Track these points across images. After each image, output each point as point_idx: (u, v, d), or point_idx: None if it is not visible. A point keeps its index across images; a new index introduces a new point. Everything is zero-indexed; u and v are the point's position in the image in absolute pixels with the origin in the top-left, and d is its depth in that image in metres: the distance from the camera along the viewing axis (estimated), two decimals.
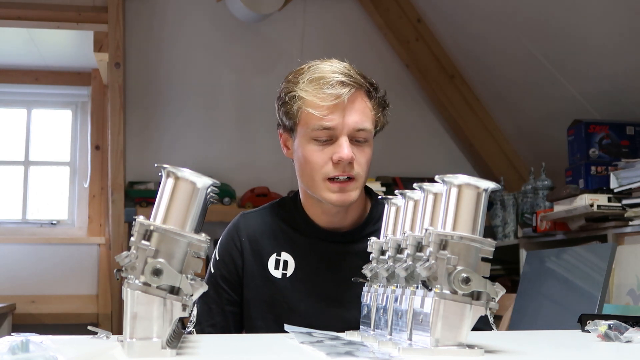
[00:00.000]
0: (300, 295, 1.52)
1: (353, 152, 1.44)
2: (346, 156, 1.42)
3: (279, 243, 1.56)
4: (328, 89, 1.42)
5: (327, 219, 1.54)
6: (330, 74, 1.44)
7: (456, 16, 3.80)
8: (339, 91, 1.42)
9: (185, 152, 4.05)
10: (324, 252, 1.54)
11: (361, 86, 1.46)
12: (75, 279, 4.08)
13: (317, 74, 1.45)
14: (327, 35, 4.16)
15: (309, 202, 1.55)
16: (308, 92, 1.44)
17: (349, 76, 1.45)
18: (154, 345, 0.84)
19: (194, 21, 4.09)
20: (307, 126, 1.45)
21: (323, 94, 1.43)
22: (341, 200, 1.46)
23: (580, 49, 3.13)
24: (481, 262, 0.89)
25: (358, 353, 0.86)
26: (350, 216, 1.55)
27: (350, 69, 1.47)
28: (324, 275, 1.53)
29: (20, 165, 4.31)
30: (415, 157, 4.25)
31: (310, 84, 1.44)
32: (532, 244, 3.22)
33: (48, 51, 4.13)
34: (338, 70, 1.45)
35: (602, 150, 3.07)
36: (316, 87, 1.44)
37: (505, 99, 3.91)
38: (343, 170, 1.44)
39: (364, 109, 1.46)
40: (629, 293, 2.47)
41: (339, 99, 1.42)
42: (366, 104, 1.47)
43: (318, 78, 1.44)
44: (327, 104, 1.43)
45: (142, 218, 0.88)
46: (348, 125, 1.43)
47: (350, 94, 1.43)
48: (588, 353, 1.02)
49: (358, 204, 1.55)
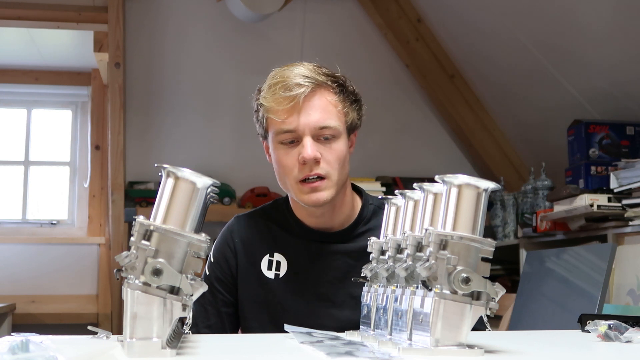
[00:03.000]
0: (293, 296, 1.53)
1: (320, 150, 1.44)
2: (308, 156, 1.42)
3: (272, 244, 1.57)
4: (284, 92, 1.44)
5: (314, 220, 1.55)
6: (288, 78, 1.45)
7: (456, 16, 3.80)
8: (294, 93, 1.43)
9: (185, 152, 4.05)
10: (315, 252, 1.55)
11: (319, 85, 1.46)
12: (75, 279, 4.08)
13: (276, 79, 1.46)
14: (327, 35, 4.16)
15: (296, 205, 1.56)
16: (267, 99, 1.46)
17: (305, 77, 1.45)
18: (154, 345, 0.84)
19: (194, 21, 4.09)
20: (272, 131, 1.48)
21: (280, 98, 1.44)
22: (313, 200, 1.46)
23: (581, 49, 3.13)
24: (481, 262, 0.89)
25: (358, 353, 0.86)
26: (337, 216, 1.55)
27: (312, 69, 1.47)
28: (316, 275, 1.54)
29: (20, 165, 4.31)
30: (415, 157, 4.25)
31: (269, 90, 1.46)
32: (532, 244, 3.22)
33: (48, 51, 4.13)
34: (297, 72, 1.46)
35: (602, 150, 3.07)
36: (273, 92, 1.45)
37: (506, 99, 3.91)
38: (310, 170, 1.44)
39: (326, 106, 1.46)
40: (629, 293, 2.47)
41: (294, 100, 1.43)
42: (328, 100, 1.46)
43: (275, 83, 1.46)
44: (284, 108, 1.44)
45: (142, 218, 0.87)
46: (308, 125, 1.44)
47: (306, 94, 1.43)
48: (588, 353, 1.02)
49: (345, 204, 1.55)
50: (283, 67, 1.50)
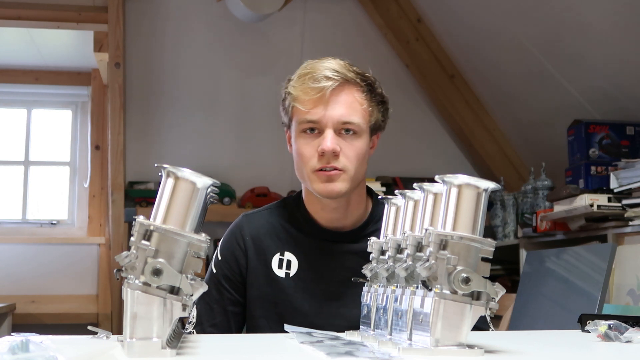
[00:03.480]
0: (303, 295, 1.53)
1: (340, 144, 1.46)
2: (328, 148, 1.44)
3: (282, 243, 1.57)
4: (313, 83, 1.46)
5: (327, 215, 1.55)
6: (318, 70, 1.48)
7: (456, 16, 3.80)
8: (322, 84, 1.46)
9: (185, 152, 4.05)
10: (326, 251, 1.55)
11: (348, 81, 1.48)
12: (75, 279, 4.08)
13: (307, 70, 1.49)
14: (327, 35, 4.16)
15: (310, 199, 1.56)
16: (296, 88, 1.49)
17: (335, 71, 1.47)
18: (154, 345, 0.84)
19: (194, 21, 4.09)
20: (297, 120, 1.50)
21: (307, 88, 1.47)
22: (327, 190, 1.47)
23: (581, 49, 3.13)
24: (481, 262, 0.89)
25: (358, 353, 0.86)
26: (351, 215, 1.55)
27: (343, 65, 1.50)
28: (326, 275, 1.54)
29: (20, 165, 4.31)
30: (415, 157, 4.25)
31: (299, 80, 1.49)
32: (532, 244, 3.22)
33: (48, 51, 4.13)
34: (328, 66, 1.49)
35: (602, 150, 3.07)
36: (302, 82, 1.48)
37: (506, 99, 3.91)
38: (327, 161, 1.46)
39: (351, 102, 1.48)
40: (629, 293, 2.47)
41: (322, 92, 1.46)
42: (355, 97, 1.49)
43: (305, 74, 1.48)
44: (310, 98, 1.47)
45: (142, 218, 0.87)
46: (332, 118, 1.46)
47: (333, 87, 1.46)
48: (588, 353, 1.01)
49: (358, 203, 1.56)
50: (315, 59, 1.52)
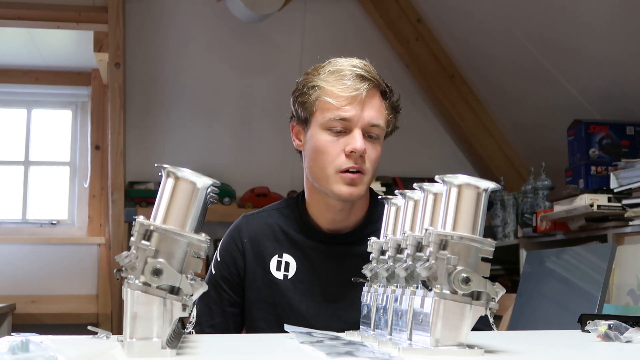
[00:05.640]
0: (301, 297, 1.53)
1: (365, 146, 1.46)
2: (359, 148, 1.44)
3: (281, 244, 1.57)
4: (348, 80, 1.47)
5: (330, 216, 1.54)
6: (350, 68, 1.48)
7: (456, 16, 3.80)
8: (358, 84, 1.46)
9: (185, 151, 4.05)
10: (325, 253, 1.55)
11: (378, 85, 1.50)
12: (75, 279, 4.08)
13: (338, 67, 1.49)
14: (327, 35, 4.16)
15: (314, 199, 1.55)
16: (328, 82, 1.48)
17: (368, 72, 1.49)
18: (154, 345, 0.84)
19: (194, 21, 4.09)
20: (324, 115, 1.48)
21: (343, 85, 1.46)
22: (349, 193, 1.47)
23: (581, 49, 3.13)
24: (481, 262, 0.89)
25: (358, 353, 0.86)
26: (353, 216, 1.55)
27: (369, 67, 1.52)
28: (325, 277, 1.53)
29: (20, 165, 4.31)
30: (415, 157, 4.25)
31: (331, 75, 1.48)
32: (532, 244, 3.22)
33: (48, 51, 4.13)
34: (358, 65, 1.50)
35: (602, 150, 3.07)
36: (337, 78, 1.48)
37: (506, 99, 3.91)
38: (355, 162, 1.46)
39: (379, 106, 1.50)
40: (629, 293, 2.47)
41: (358, 91, 1.46)
42: (381, 102, 1.51)
43: (339, 70, 1.49)
44: (346, 95, 1.46)
45: (142, 218, 0.87)
46: (364, 119, 1.46)
47: (368, 89, 1.47)
48: (588, 353, 1.01)
49: (362, 205, 1.57)
50: (340, 57, 1.53)
